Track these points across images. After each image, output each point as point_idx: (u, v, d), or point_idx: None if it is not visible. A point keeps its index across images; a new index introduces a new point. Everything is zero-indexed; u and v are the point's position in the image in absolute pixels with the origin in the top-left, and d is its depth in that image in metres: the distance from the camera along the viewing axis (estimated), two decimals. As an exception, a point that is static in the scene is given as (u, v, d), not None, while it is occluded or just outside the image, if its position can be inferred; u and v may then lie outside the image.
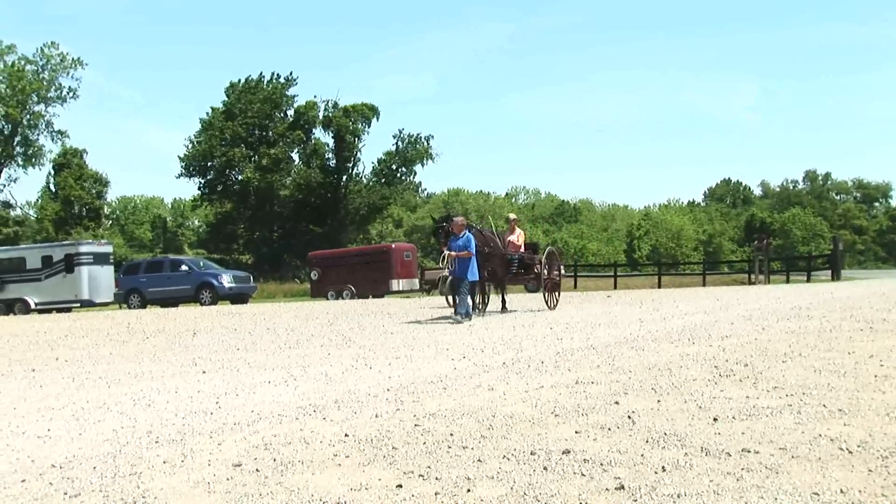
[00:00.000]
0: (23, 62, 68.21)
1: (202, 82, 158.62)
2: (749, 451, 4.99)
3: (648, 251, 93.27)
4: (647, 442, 5.35)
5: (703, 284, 40.53)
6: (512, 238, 20.50)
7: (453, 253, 17.12)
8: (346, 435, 5.89)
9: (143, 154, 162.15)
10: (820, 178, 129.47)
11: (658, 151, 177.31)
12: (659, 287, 39.92)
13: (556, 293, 20.99)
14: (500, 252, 19.26)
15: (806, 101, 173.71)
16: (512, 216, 21.68)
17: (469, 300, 17.22)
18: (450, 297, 19.77)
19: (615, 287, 41.35)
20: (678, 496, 4.22)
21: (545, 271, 20.52)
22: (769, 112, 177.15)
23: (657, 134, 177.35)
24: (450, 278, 18.30)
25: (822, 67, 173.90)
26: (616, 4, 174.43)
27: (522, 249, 20.63)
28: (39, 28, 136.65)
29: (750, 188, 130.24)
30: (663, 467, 4.72)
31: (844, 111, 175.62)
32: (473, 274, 17.24)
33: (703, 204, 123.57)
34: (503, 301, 20.33)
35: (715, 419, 5.92)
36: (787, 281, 41.72)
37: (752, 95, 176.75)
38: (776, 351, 9.58)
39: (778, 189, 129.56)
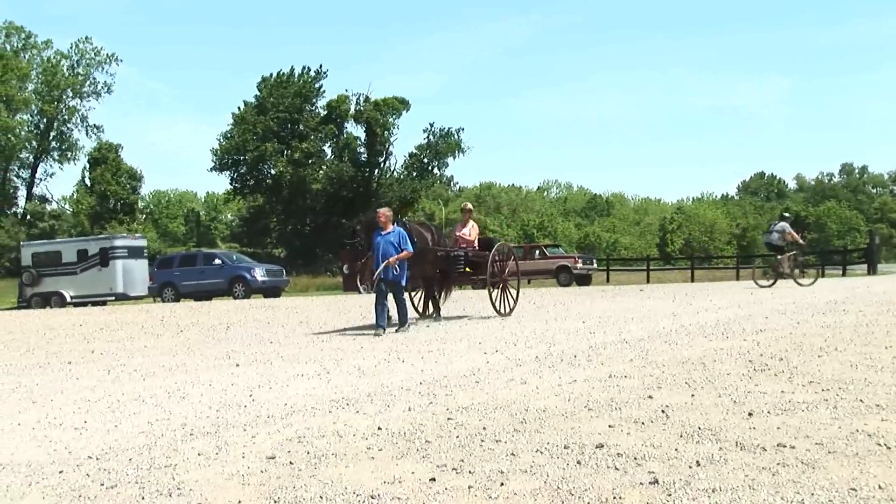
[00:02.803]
0: (58, 57, 68.93)
1: (235, 77, 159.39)
2: (785, 446, 4.95)
3: (681, 245, 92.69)
4: (681, 436, 5.32)
5: (737, 278, 40.20)
6: (463, 232, 17.27)
7: (394, 258, 13.92)
8: (380, 428, 5.89)
9: (176, 149, 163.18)
10: (856, 171, 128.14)
11: (691, 146, 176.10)
12: (692, 281, 39.67)
13: (509, 296, 17.06)
14: (430, 249, 15.73)
15: (840, 95, 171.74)
16: (467, 205, 18.34)
17: (385, 310, 14.07)
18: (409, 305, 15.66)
19: (648, 281, 41.11)
20: (713, 491, 4.19)
21: (491, 269, 16.34)
22: (802, 106, 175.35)
23: (690, 129, 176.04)
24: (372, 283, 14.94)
25: (857, 62, 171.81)
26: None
27: (476, 245, 17.20)
28: (73, 24, 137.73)
29: (784, 182, 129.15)
30: (698, 462, 4.69)
31: (881, 105, 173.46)
32: (405, 276, 14.41)
33: (736, 197, 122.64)
34: (437, 307, 16.72)
35: (750, 414, 5.87)
36: (822, 275, 41.31)
37: (786, 89, 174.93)
38: (811, 345, 9.50)
39: (813, 183, 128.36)
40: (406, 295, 15.37)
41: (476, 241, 17.27)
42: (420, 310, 16.84)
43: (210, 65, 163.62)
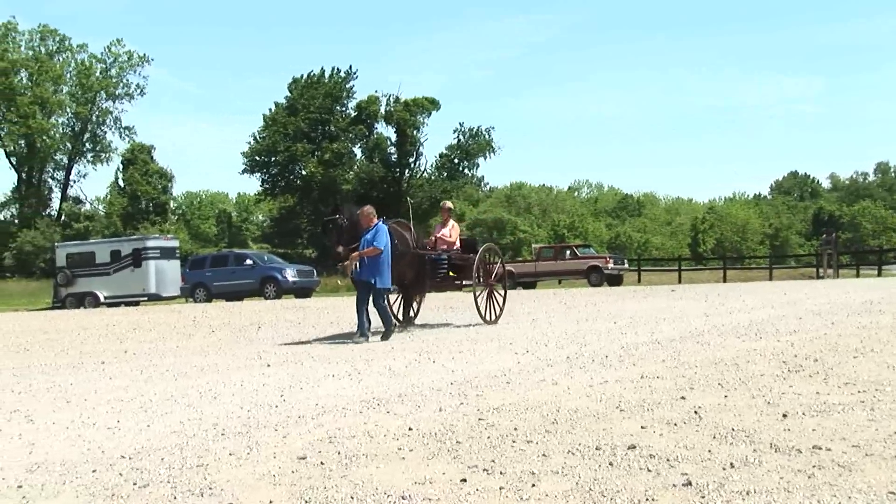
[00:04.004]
0: (91, 60, 69.58)
1: (266, 78, 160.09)
2: (820, 449, 4.89)
3: (713, 245, 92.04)
4: (714, 438, 5.27)
5: (770, 278, 39.88)
6: (443, 232, 15.96)
7: (356, 254, 13.07)
8: (410, 429, 5.88)
9: (207, 149, 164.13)
10: (892, 170, 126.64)
11: (723, 145, 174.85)
12: (724, 281, 39.38)
13: (496, 302, 15.86)
14: (411, 250, 14.72)
15: (875, 92, 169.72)
16: (447, 204, 16.84)
17: (366, 315, 13.34)
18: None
19: (679, 281, 40.88)
20: (747, 493, 4.14)
21: (478, 274, 15.31)
22: (836, 104, 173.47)
23: (722, 127, 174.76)
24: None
25: (891, 58, 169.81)
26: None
27: (457, 246, 15.93)
28: (104, 26, 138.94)
29: (818, 181, 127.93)
30: (731, 464, 4.64)
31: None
32: (385, 280, 13.28)
33: (769, 197, 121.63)
34: (415, 311, 15.83)
35: (784, 415, 5.81)
36: (858, 275, 40.93)
37: (819, 87, 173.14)
38: (847, 346, 9.40)
39: (847, 182, 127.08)
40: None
41: (458, 243, 16.00)
42: (400, 316, 15.48)
43: (241, 66, 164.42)
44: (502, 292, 16.16)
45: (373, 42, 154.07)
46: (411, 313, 15.64)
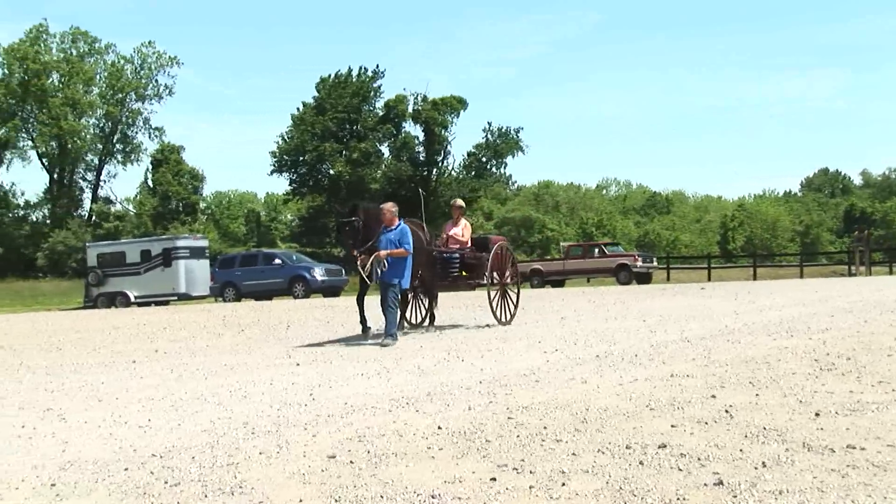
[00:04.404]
0: (121, 61, 70.14)
1: (294, 78, 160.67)
2: (854, 448, 4.85)
3: (743, 242, 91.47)
4: (745, 437, 5.23)
5: (801, 276, 39.61)
6: (455, 231, 15.55)
7: (384, 252, 12.67)
8: (440, 427, 5.88)
9: (236, 149, 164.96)
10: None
11: (752, 142, 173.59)
12: (754, 279, 39.13)
13: (510, 302, 15.47)
14: (426, 249, 14.33)
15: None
16: (458, 202, 16.28)
17: (398, 314, 13.25)
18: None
19: (709, 279, 40.66)
20: (780, 493, 4.11)
21: (493, 273, 15.01)
22: (867, 99, 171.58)
23: (751, 125, 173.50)
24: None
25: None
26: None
27: (468, 245, 15.49)
28: (132, 27, 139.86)
29: (850, 178, 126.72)
30: (763, 463, 4.61)
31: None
32: (407, 281, 13.10)
33: (799, 194, 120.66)
34: (431, 313, 15.23)
35: (817, 414, 5.76)
36: (891, 272, 40.55)
37: (848, 82, 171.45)
38: (880, 344, 9.31)
39: (879, 178, 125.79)
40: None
41: (470, 242, 15.53)
42: (413, 319, 15.35)
43: (268, 66, 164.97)
44: (515, 291, 15.81)
45: (399, 41, 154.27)
46: (423, 314, 15.41)
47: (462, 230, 15.51)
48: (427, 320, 15.13)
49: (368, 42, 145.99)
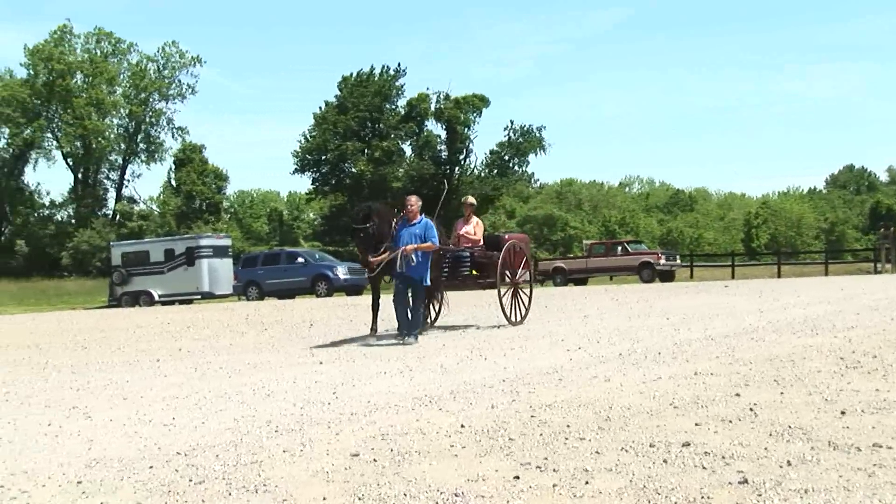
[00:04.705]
0: (145, 61, 70.53)
1: (316, 77, 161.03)
2: (881, 447, 4.81)
3: (767, 240, 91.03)
4: (770, 435, 5.21)
5: (826, 274, 39.33)
6: (467, 229, 15.04)
7: (412, 246, 12.34)
8: (463, 426, 5.88)
9: (259, 148, 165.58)
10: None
11: (777, 139, 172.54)
12: (778, 276, 38.90)
13: (522, 301, 14.97)
14: (439, 247, 13.56)
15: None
16: (469, 200, 15.82)
17: (422, 313, 13.10)
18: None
19: (733, 277, 40.45)
20: (805, 492, 4.08)
21: (504, 272, 14.51)
22: (891, 95, 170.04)
23: (775, 121, 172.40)
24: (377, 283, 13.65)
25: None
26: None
27: (480, 243, 15.03)
28: (155, 26, 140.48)
29: (875, 174, 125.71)
30: (789, 461, 4.58)
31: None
32: (428, 278, 12.75)
33: (824, 191, 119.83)
34: (436, 312, 15.09)
35: (842, 412, 5.72)
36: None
37: (874, 77, 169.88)
38: (906, 342, 9.23)
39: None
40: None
41: (482, 240, 15.07)
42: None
43: (291, 65, 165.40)
44: (528, 291, 15.31)
45: (422, 39, 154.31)
46: (432, 314, 14.96)
47: (474, 228, 15.10)
48: (430, 319, 14.74)
49: (390, 40, 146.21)
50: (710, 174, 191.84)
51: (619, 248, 38.96)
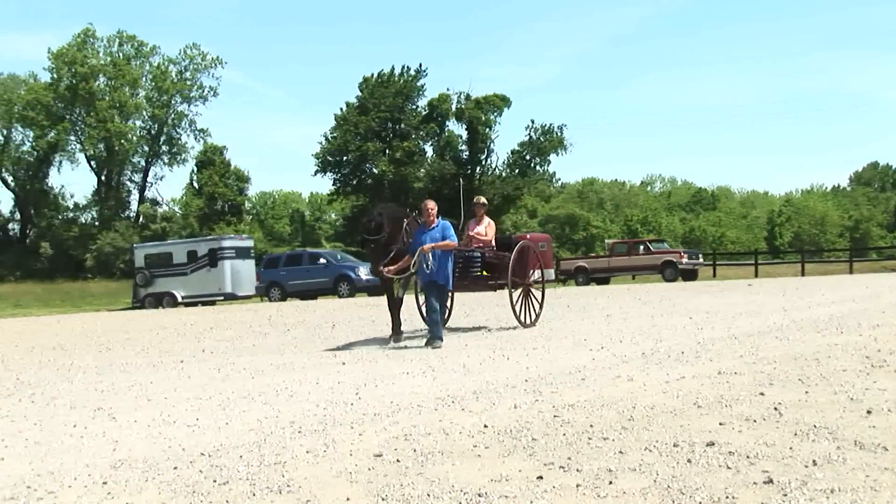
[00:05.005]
0: (166, 63, 70.89)
1: (336, 78, 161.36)
2: (907, 446, 4.77)
3: (790, 238, 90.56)
4: (795, 435, 5.17)
5: (850, 272, 39.04)
6: (478, 230, 14.71)
7: (429, 245, 12.11)
8: (486, 426, 5.88)
9: (280, 149, 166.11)
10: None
11: (799, 136, 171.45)
12: (802, 275, 38.66)
13: (534, 303, 14.66)
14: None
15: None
16: (480, 200, 15.35)
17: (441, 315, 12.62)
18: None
19: (756, 275, 40.25)
20: (831, 491, 4.05)
21: (515, 274, 14.04)
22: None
23: (798, 118, 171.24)
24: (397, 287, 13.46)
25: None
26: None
27: (493, 244, 14.68)
28: (177, 27, 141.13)
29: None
30: (814, 461, 4.55)
31: None
32: (451, 279, 12.61)
33: (848, 189, 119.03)
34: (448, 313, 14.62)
35: (868, 412, 5.68)
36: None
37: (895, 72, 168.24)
38: (932, 340, 9.16)
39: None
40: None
41: (493, 241, 14.71)
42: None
43: (312, 66, 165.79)
44: (539, 293, 14.93)
45: (442, 38, 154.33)
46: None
47: (485, 228, 14.71)
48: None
49: (411, 40, 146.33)
50: (732, 172, 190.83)
51: (642, 247, 38.84)
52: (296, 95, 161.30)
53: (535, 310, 14.56)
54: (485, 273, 14.39)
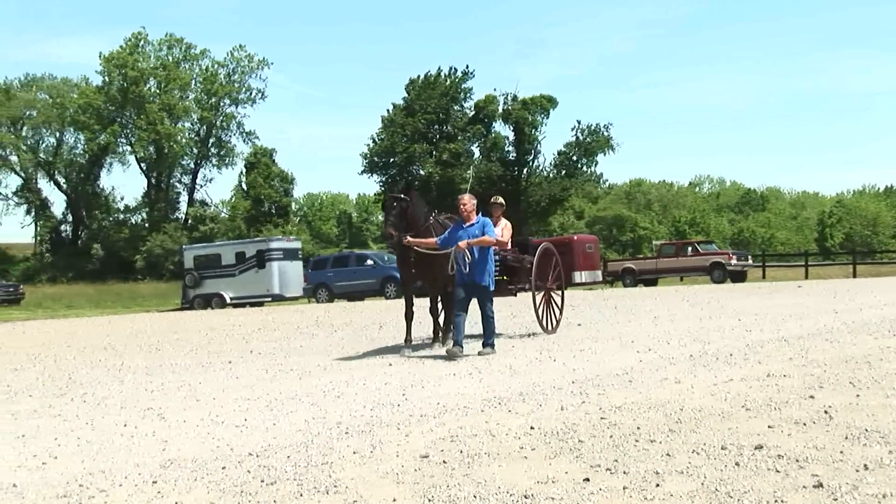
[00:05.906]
0: (215, 66, 71.59)
1: (384, 79, 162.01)
2: (961, 450, 4.69)
3: (842, 239, 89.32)
4: (846, 438, 5.11)
5: (903, 273, 38.44)
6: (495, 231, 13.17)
7: (465, 242, 11.00)
8: (532, 427, 5.87)
9: (328, 151, 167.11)
10: None
11: (852, 135, 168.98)
12: (854, 276, 38.12)
13: (554, 307, 14.10)
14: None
15: None
16: (498, 200, 14.09)
17: (494, 320, 11.55)
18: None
19: (806, 277, 39.73)
20: (883, 496, 4.00)
21: (536, 279, 13.43)
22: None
23: (850, 117, 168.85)
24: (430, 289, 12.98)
25: None
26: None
27: (509, 247, 13.89)
28: (221, 31, 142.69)
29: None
30: (865, 465, 4.49)
31: None
32: (492, 281, 11.53)
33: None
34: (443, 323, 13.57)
35: (921, 415, 5.60)
36: None
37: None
38: None
39: None
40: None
41: (510, 243, 13.94)
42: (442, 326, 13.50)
43: (359, 68, 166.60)
44: (560, 298, 14.34)
45: (488, 38, 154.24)
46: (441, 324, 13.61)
47: (502, 230, 13.44)
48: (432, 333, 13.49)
49: (458, 41, 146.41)
50: (782, 173, 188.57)
51: (690, 248, 38.50)
52: (343, 97, 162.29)
53: (555, 315, 14.06)
54: (505, 277, 13.89)
